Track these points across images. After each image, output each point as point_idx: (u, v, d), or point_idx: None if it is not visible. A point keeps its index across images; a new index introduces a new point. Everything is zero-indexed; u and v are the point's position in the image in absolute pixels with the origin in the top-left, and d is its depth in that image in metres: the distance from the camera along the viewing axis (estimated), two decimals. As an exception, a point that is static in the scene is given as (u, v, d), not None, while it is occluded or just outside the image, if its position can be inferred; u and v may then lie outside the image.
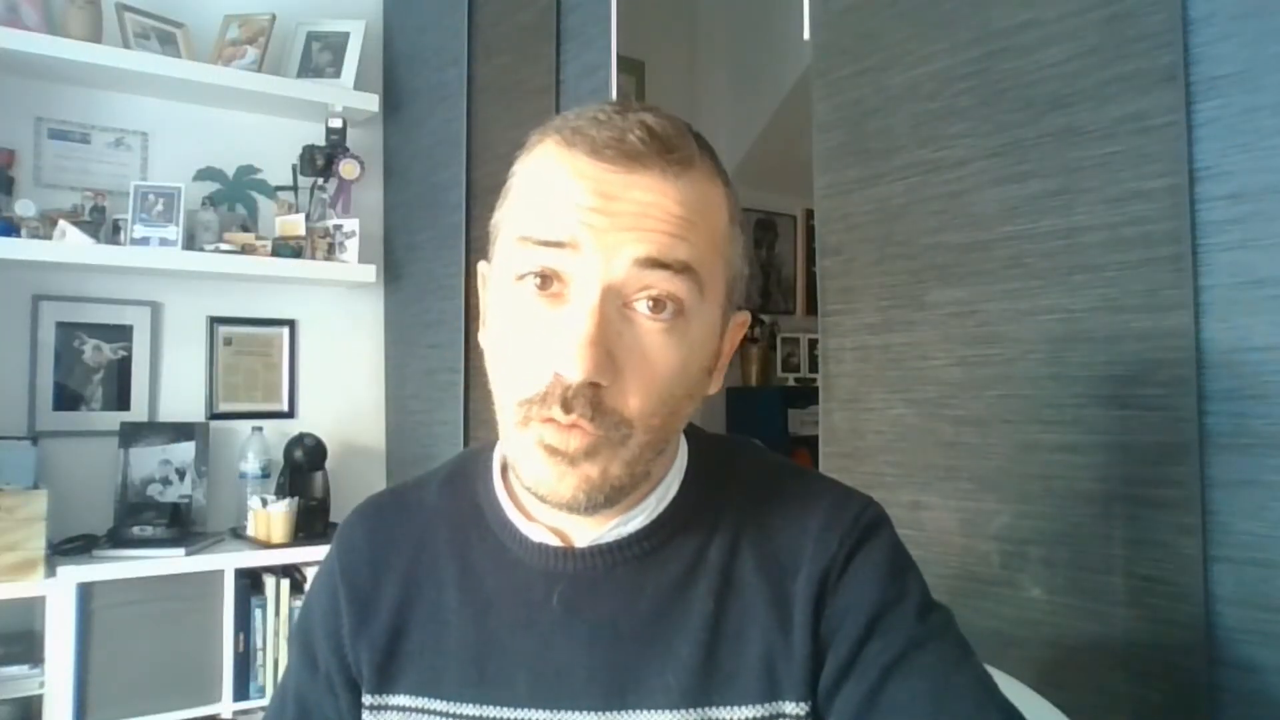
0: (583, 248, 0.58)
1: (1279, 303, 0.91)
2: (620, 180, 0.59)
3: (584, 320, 0.57)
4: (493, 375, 0.64)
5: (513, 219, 0.63)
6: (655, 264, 0.58)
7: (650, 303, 0.59)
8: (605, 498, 0.61)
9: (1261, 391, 0.92)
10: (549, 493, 0.60)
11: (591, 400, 0.58)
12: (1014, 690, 0.85)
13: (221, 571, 2.02)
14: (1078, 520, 1.06)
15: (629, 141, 0.59)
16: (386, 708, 0.68)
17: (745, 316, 0.69)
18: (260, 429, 2.34)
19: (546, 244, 0.59)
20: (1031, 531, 1.11)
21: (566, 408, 0.58)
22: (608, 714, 0.64)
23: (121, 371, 2.27)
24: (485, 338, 0.66)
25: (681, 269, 0.59)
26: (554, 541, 0.67)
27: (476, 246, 2.17)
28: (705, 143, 0.64)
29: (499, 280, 0.64)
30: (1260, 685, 0.91)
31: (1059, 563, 1.08)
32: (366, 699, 0.69)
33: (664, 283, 0.59)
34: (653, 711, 0.64)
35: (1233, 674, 0.93)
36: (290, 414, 2.49)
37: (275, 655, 2.08)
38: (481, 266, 0.69)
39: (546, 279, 0.59)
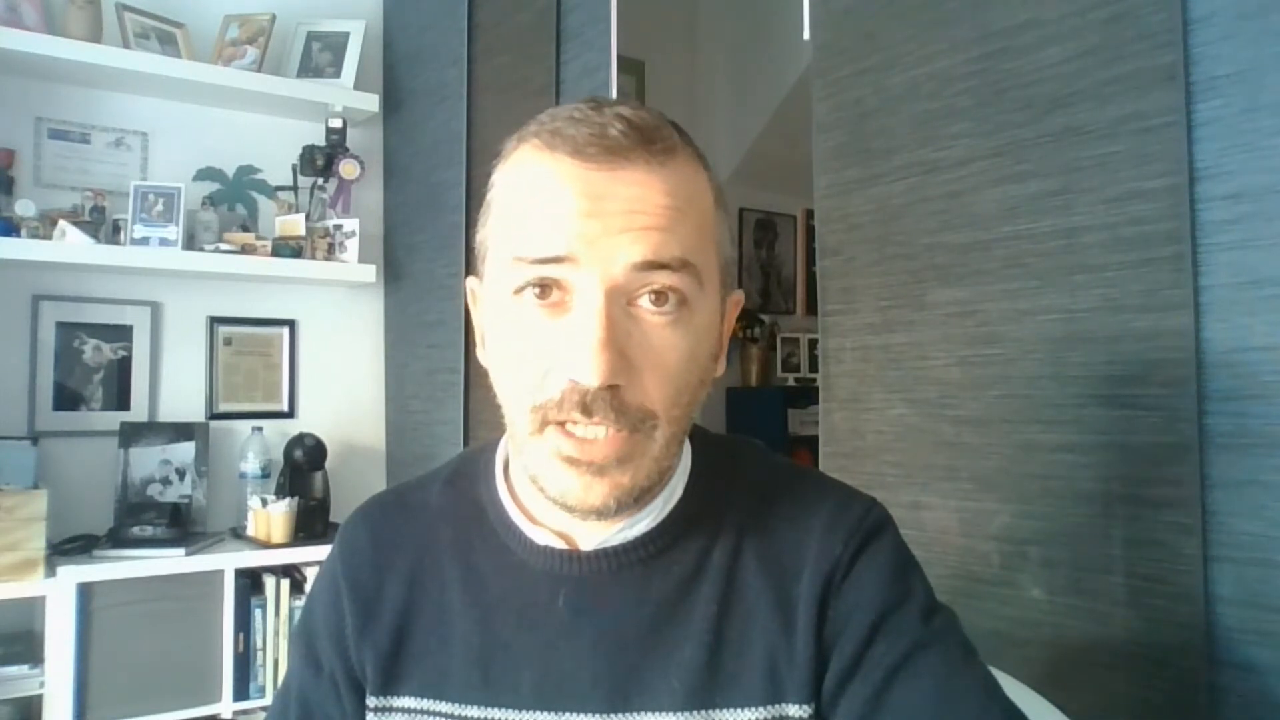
0: (580, 258, 0.57)
1: (1279, 303, 0.91)
2: (606, 177, 0.58)
3: (593, 325, 0.57)
4: (500, 390, 0.63)
5: (503, 236, 0.62)
6: (654, 266, 0.58)
7: (653, 296, 0.59)
8: (634, 500, 0.61)
9: (1261, 391, 0.92)
10: (577, 503, 0.60)
11: (612, 403, 0.58)
12: (1014, 690, 0.85)
13: (221, 571, 2.02)
14: (1078, 520, 1.06)
15: (611, 136, 0.58)
16: (391, 709, 0.68)
17: (739, 295, 0.69)
18: (260, 429, 2.34)
19: (543, 261, 0.58)
20: (1031, 531, 1.11)
21: (586, 412, 0.57)
22: (612, 716, 0.64)
23: (121, 371, 2.27)
24: (485, 355, 0.66)
25: (680, 266, 0.59)
26: (559, 545, 0.67)
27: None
28: (682, 130, 0.64)
29: (495, 297, 0.63)
30: (1260, 685, 0.91)
31: (1059, 563, 1.08)
32: (371, 700, 0.69)
33: (664, 279, 0.59)
34: (657, 713, 0.64)
35: (1233, 674, 0.93)
36: (290, 414, 2.49)
37: (275, 655, 2.07)
38: (470, 283, 0.69)
39: (546, 288, 0.59)
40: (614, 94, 1.81)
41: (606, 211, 0.58)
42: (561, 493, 0.60)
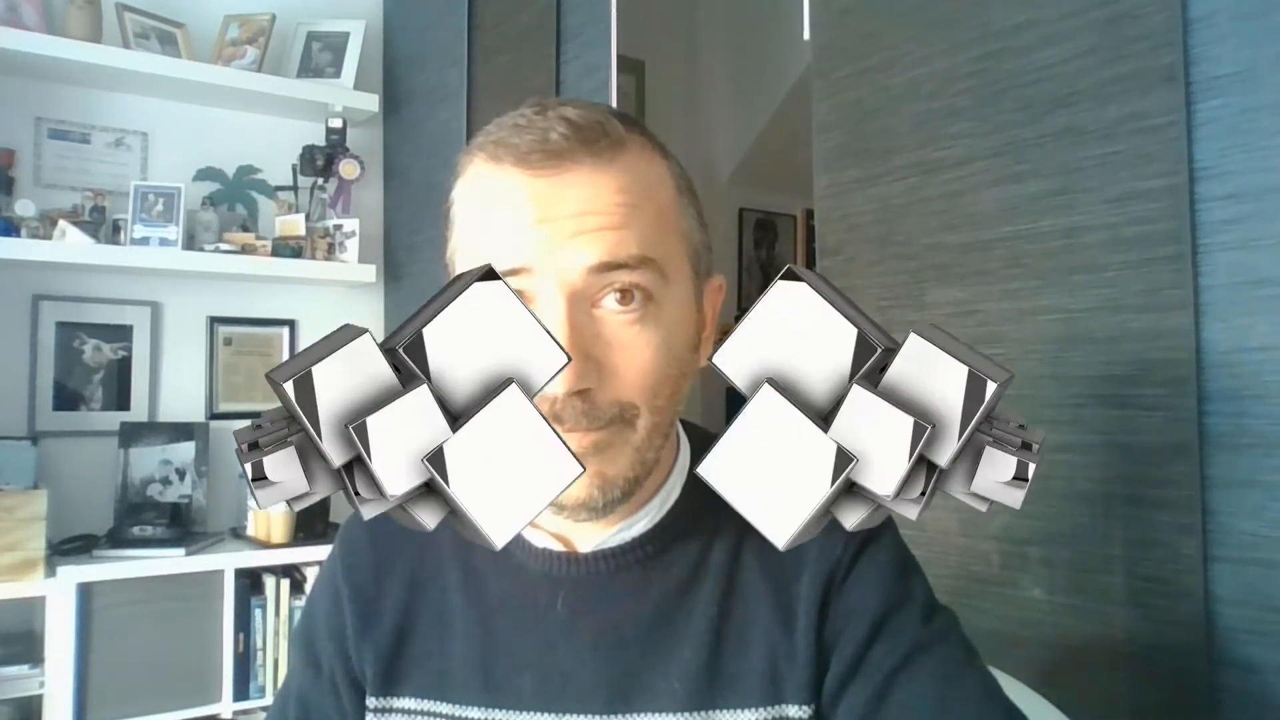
0: (535, 268, 0.57)
1: (1279, 303, 0.91)
2: (553, 183, 0.58)
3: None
4: None
5: (463, 252, 0.62)
6: (611, 266, 0.57)
7: (617, 296, 0.58)
8: (621, 493, 0.61)
9: (1261, 391, 0.92)
10: (564, 497, 0.60)
11: (582, 408, 0.57)
12: (1014, 690, 0.85)
13: (221, 571, 2.02)
14: (1078, 520, 1.06)
15: (552, 141, 0.58)
16: (391, 710, 0.68)
17: (720, 280, 0.68)
18: (260, 429, 2.34)
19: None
20: (1031, 531, 1.11)
21: (558, 420, 0.57)
22: (612, 717, 0.64)
23: (121, 371, 2.27)
24: None
25: (639, 263, 0.58)
26: (557, 547, 0.67)
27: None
28: (634, 121, 0.63)
29: None
30: (1260, 685, 0.91)
31: (1059, 563, 1.08)
32: (371, 701, 0.69)
33: (624, 278, 0.58)
34: (657, 715, 0.64)
35: (1233, 674, 0.93)
36: (290, 414, 2.49)
37: (275, 655, 2.07)
38: None
39: None
40: (613, 94, 1.81)
41: (556, 217, 0.57)
42: None
